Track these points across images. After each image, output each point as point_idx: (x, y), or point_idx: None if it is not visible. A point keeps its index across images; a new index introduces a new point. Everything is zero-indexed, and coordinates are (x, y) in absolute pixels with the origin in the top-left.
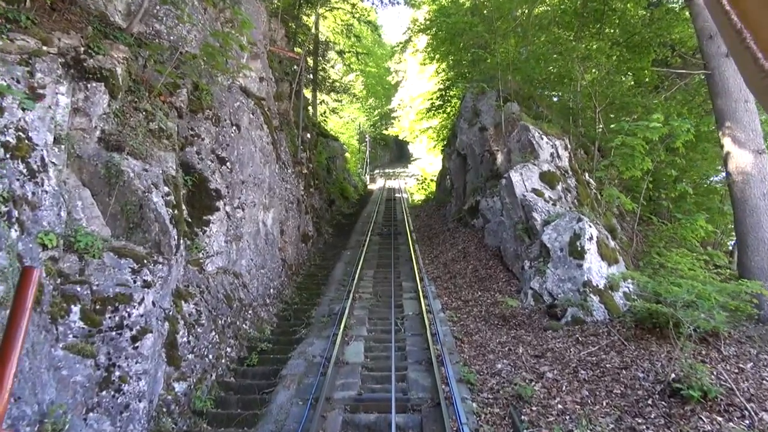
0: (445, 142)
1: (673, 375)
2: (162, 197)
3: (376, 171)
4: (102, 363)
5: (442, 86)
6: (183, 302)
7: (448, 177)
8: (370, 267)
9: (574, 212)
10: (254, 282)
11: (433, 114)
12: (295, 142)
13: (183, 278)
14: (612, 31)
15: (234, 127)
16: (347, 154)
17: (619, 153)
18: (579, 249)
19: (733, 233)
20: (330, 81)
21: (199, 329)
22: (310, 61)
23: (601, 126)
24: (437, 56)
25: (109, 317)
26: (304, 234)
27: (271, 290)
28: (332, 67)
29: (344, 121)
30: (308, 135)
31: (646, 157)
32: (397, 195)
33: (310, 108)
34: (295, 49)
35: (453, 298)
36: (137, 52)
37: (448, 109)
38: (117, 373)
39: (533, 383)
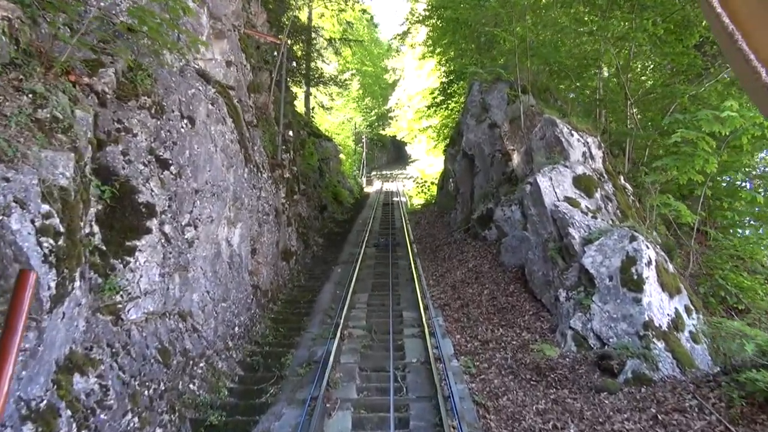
0: (447, 142)
1: None
2: (31, 222)
3: (373, 173)
4: None
5: (444, 79)
6: (77, 377)
7: (451, 180)
8: (364, 289)
9: (624, 228)
10: (210, 322)
11: (435, 111)
12: (275, 141)
13: (83, 337)
14: (649, 7)
15: (185, 121)
16: (342, 156)
17: (676, 151)
18: (635, 278)
19: None
20: (318, 72)
21: (103, 415)
22: (297, 50)
23: (634, 121)
24: (438, 50)
25: None
26: (285, 250)
27: (236, 328)
28: (320, 56)
29: (340, 121)
30: (291, 132)
31: (710, 157)
32: (394, 199)
33: (300, 105)
34: (280, 36)
35: (467, 336)
36: (36, 13)
37: (451, 105)
38: None
39: None
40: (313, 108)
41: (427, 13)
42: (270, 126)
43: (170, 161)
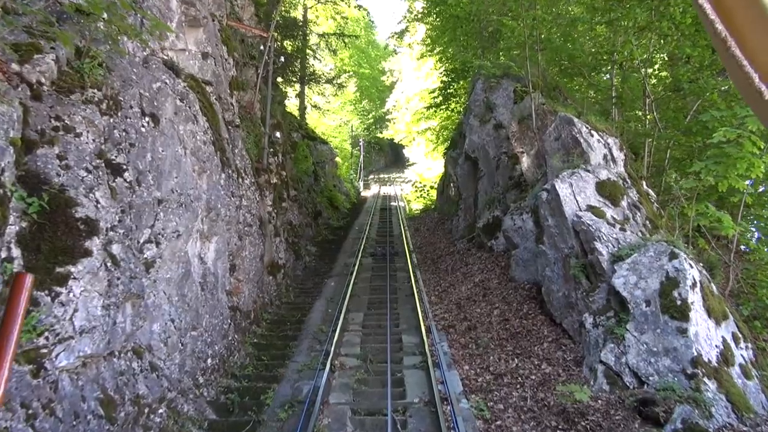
0: (447, 144)
1: None
2: None
3: (371, 176)
4: None
5: (445, 78)
6: None
7: (452, 185)
8: (359, 307)
9: (662, 243)
10: (175, 356)
11: (435, 112)
12: (260, 144)
13: None
14: None
15: (147, 118)
16: (338, 159)
17: (718, 153)
18: (678, 303)
19: None
20: (311, 69)
21: None
22: (288, 47)
23: (653, 120)
24: (437, 48)
25: None
26: (272, 263)
27: (209, 360)
28: (314, 53)
29: (336, 124)
30: (279, 134)
31: (759, 159)
32: (392, 204)
33: (294, 106)
34: (267, 30)
35: (477, 368)
36: None
37: (452, 106)
38: None
39: None
40: (305, 108)
41: (426, 11)
42: (255, 127)
43: (125, 166)
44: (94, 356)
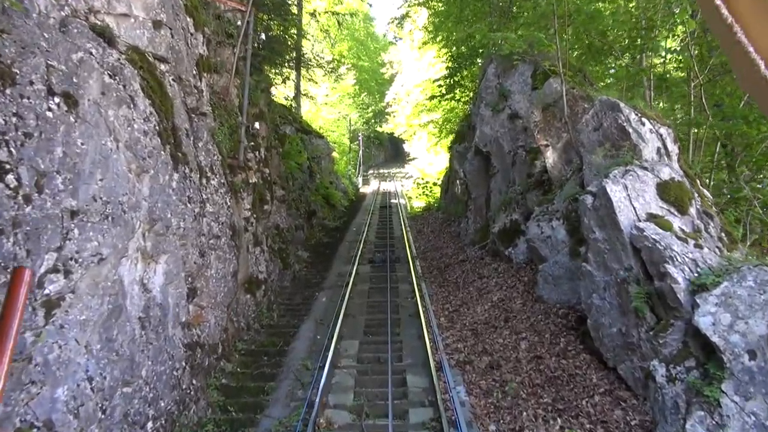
0: (453, 138)
1: None
2: None
3: (370, 172)
4: None
5: (451, 64)
6: None
7: (458, 182)
8: (354, 332)
9: (764, 267)
10: (92, 430)
11: (438, 102)
12: (236, 137)
13: None
14: None
15: (57, 100)
16: (335, 154)
17: None
18: None
19: None
20: (297, 51)
21: None
22: (275, 27)
23: (702, 107)
24: (441, 34)
25: None
26: (250, 279)
27: (149, 425)
28: (305, 34)
29: (335, 118)
30: (259, 125)
31: None
32: (392, 201)
33: (288, 100)
34: (249, 3)
35: (507, 429)
36: None
37: (458, 95)
38: None
39: None
40: (300, 98)
41: None
42: (231, 117)
43: (12, 166)
44: None
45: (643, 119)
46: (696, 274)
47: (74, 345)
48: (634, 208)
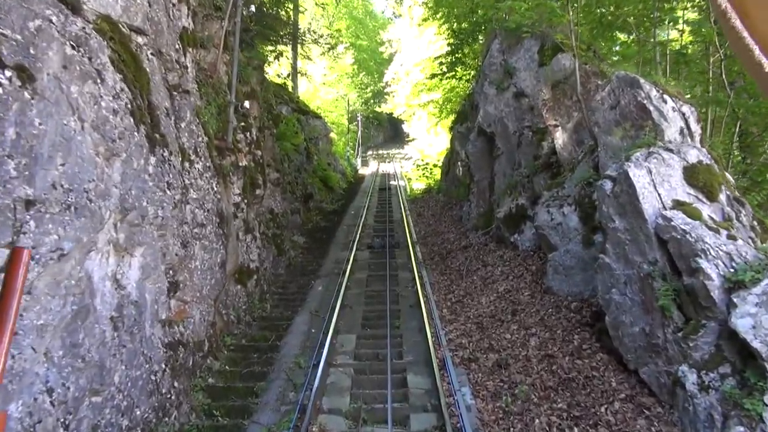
0: (454, 118)
1: None
2: None
3: (369, 152)
4: None
5: (453, 40)
6: None
7: (460, 164)
8: (351, 325)
9: None
10: None
11: (440, 80)
12: (225, 117)
13: None
14: None
15: (8, 73)
16: (333, 135)
17: None
18: None
19: None
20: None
21: None
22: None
23: (722, 86)
24: (441, 11)
25: None
26: (240, 269)
27: None
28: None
29: (333, 98)
30: (249, 104)
31: None
32: (392, 183)
33: (281, 75)
34: None
35: None
36: None
37: (459, 73)
38: None
39: None
40: (297, 77)
41: None
42: (219, 95)
43: None
44: None
45: (665, 96)
46: (731, 270)
47: (30, 353)
48: (659, 195)
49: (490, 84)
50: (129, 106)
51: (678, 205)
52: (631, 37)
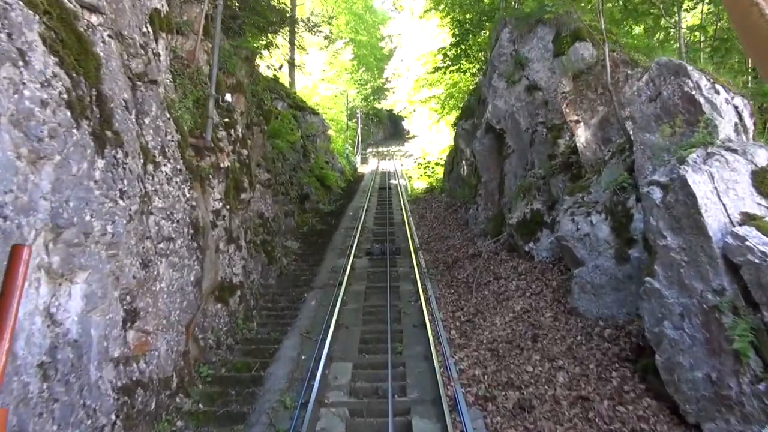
0: (459, 114)
1: None
2: None
3: (369, 150)
4: None
5: (457, 31)
6: None
7: (464, 162)
8: (347, 352)
9: None
10: None
11: (443, 74)
12: (204, 112)
13: None
14: None
15: None
16: (331, 132)
17: None
18: None
19: None
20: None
21: None
22: None
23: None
24: (444, 1)
25: None
26: (222, 285)
27: None
28: None
29: (332, 94)
30: (232, 97)
31: None
32: (392, 182)
33: (273, 67)
34: None
35: None
36: None
37: (464, 66)
38: None
39: None
40: (294, 71)
41: None
42: (197, 87)
43: None
44: None
45: (717, 86)
46: None
47: None
48: (724, 206)
49: (499, 77)
50: (64, 96)
51: (748, 219)
52: (645, 26)
